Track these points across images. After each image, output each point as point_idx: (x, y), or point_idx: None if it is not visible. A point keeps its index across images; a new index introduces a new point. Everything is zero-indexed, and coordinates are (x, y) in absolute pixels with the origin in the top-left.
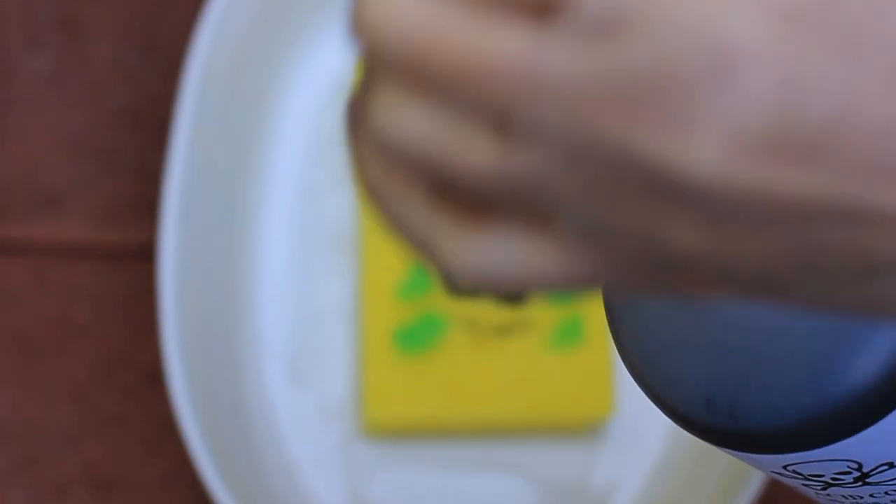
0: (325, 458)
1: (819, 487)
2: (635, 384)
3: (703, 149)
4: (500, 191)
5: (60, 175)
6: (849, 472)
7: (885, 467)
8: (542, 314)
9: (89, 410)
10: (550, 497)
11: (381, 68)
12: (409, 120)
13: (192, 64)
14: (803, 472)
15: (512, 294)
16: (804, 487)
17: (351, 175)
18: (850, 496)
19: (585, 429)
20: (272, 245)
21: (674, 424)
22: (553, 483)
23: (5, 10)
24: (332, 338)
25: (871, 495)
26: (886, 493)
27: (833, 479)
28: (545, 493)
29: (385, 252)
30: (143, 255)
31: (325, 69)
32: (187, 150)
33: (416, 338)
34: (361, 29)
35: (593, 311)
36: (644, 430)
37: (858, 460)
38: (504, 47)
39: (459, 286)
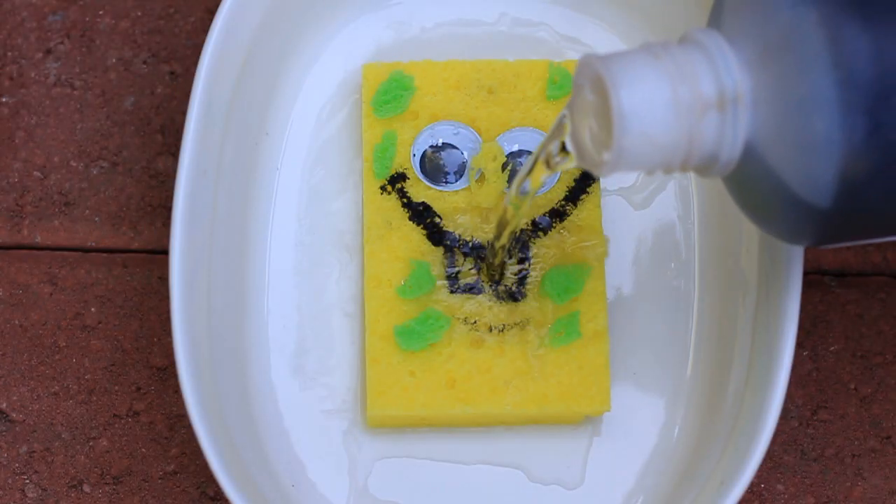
0: (329, 450)
1: None
2: (631, 380)
3: None
4: None
5: (72, 178)
6: None
7: None
8: (540, 312)
9: (101, 406)
10: (548, 489)
11: None
12: None
13: (201, 69)
14: None
15: (510, 292)
16: None
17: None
18: None
19: (583, 424)
20: (277, 245)
21: (668, 418)
22: (550, 476)
23: (19, 18)
24: (336, 334)
25: None
26: None
27: None
28: (543, 486)
29: (386, 251)
30: (153, 255)
31: (331, 73)
32: (195, 153)
33: (417, 335)
34: None
35: (591, 309)
36: (640, 424)
37: None
38: None
39: None
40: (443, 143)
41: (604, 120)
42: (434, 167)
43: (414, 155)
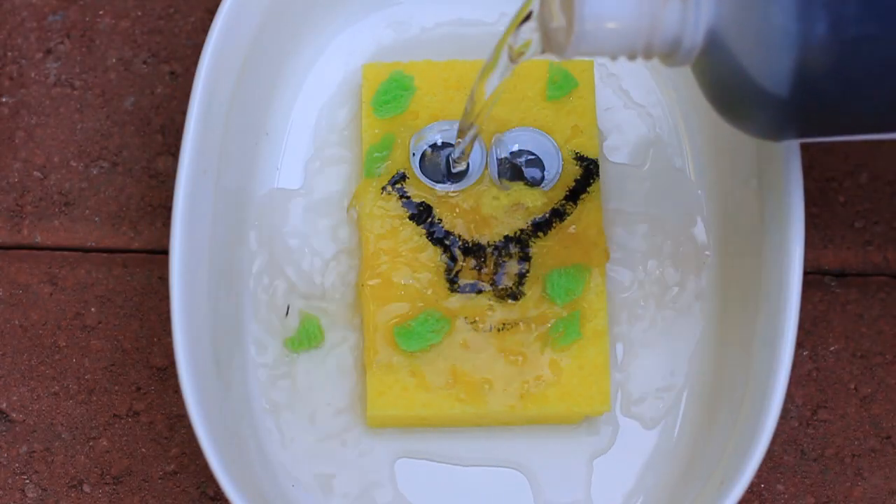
0: (329, 451)
1: None
2: (631, 380)
3: None
4: None
5: (73, 178)
6: None
7: None
8: (540, 312)
9: (101, 406)
10: (548, 490)
11: None
12: None
13: (201, 69)
14: None
15: (510, 292)
16: None
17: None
18: None
19: (583, 424)
20: (277, 244)
21: (668, 418)
22: (550, 476)
23: (19, 18)
24: (336, 334)
25: None
26: None
27: None
28: (542, 487)
29: (385, 252)
30: (153, 255)
31: (331, 73)
32: (195, 152)
33: (417, 336)
34: None
35: (591, 309)
36: (640, 424)
37: None
38: None
39: None
40: (442, 143)
41: (567, 3)
42: (434, 167)
43: (413, 155)
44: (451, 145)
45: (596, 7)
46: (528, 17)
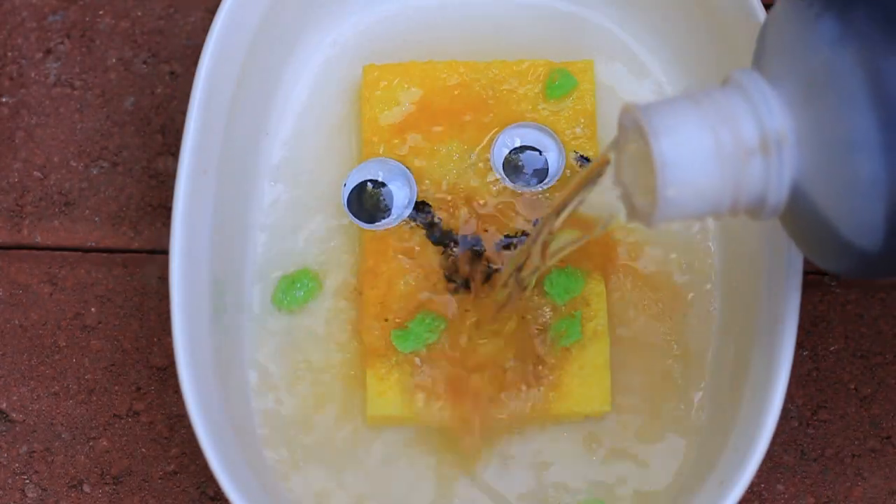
0: (329, 451)
1: None
2: (631, 380)
3: None
4: None
5: (72, 178)
6: None
7: None
8: (540, 313)
9: (101, 406)
10: (547, 489)
11: None
12: None
13: (201, 69)
14: None
15: (510, 292)
16: None
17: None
18: None
19: (583, 424)
20: (278, 244)
21: (668, 419)
22: (549, 476)
23: (19, 18)
24: (336, 334)
25: None
26: None
27: None
28: (542, 486)
29: (384, 251)
30: (153, 255)
31: (331, 73)
32: (195, 153)
33: (414, 336)
34: None
35: (591, 309)
36: (640, 425)
37: None
38: None
39: None
40: (381, 180)
41: (648, 170)
42: (373, 205)
43: (345, 185)
44: (383, 184)
45: (678, 175)
46: (599, 176)
